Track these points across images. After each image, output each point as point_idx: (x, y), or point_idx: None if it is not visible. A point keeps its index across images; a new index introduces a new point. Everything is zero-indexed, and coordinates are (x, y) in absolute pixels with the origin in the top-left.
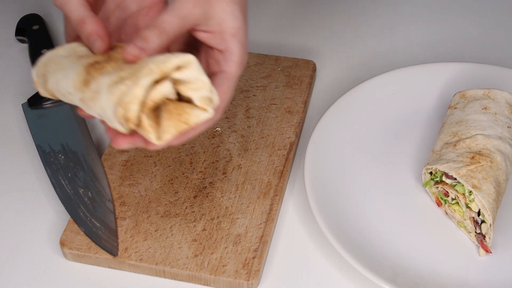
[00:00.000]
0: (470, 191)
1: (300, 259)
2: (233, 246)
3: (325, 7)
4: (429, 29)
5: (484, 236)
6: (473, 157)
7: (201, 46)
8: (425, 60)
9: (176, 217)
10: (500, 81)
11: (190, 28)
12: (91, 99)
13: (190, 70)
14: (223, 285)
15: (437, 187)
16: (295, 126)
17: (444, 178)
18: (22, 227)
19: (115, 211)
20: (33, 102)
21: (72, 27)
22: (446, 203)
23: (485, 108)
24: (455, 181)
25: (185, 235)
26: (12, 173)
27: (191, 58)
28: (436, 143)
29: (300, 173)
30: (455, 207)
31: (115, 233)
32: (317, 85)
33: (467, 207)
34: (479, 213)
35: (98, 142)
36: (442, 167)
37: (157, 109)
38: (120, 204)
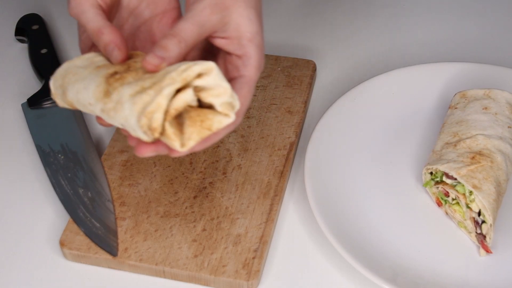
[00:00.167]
0: (471, 191)
1: (300, 259)
2: (233, 246)
3: (325, 7)
4: (429, 29)
5: (485, 236)
6: (473, 157)
7: (218, 52)
8: (425, 60)
9: (176, 217)
10: (501, 81)
11: (208, 35)
12: (113, 110)
13: (211, 77)
14: (223, 285)
15: (438, 187)
16: (295, 126)
17: (444, 178)
18: (22, 227)
19: (115, 211)
20: (33, 102)
21: (87, 36)
22: (446, 203)
23: (486, 108)
24: (456, 181)
25: (185, 235)
26: (11, 173)
27: (211, 65)
28: (437, 143)
29: (300, 173)
30: (456, 207)
31: (115, 233)
32: (317, 85)
33: (468, 207)
34: (479, 213)
35: (98, 142)
36: (442, 167)
37: (179, 116)
38: (120, 204)
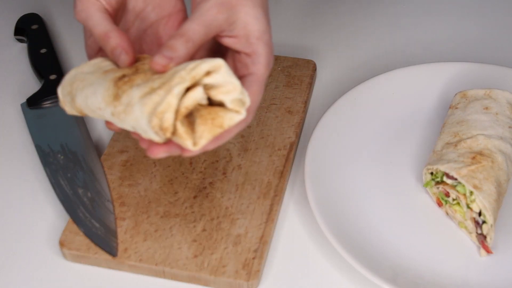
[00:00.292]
0: (471, 192)
1: (300, 259)
2: (233, 246)
3: (325, 7)
4: (429, 29)
5: (485, 237)
6: (474, 157)
7: (227, 51)
8: (425, 60)
9: (176, 217)
10: (501, 81)
11: (215, 35)
12: (123, 112)
13: (220, 74)
14: (223, 285)
15: (438, 187)
16: (295, 126)
17: (445, 178)
18: (21, 227)
19: (114, 211)
20: (32, 102)
21: (93, 40)
22: (447, 203)
23: (486, 108)
24: (456, 181)
25: (185, 236)
26: (11, 174)
27: (220, 62)
28: (437, 143)
29: (300, 173)
30: (456, 207)
31: (114, 234)
32: (317, 85)
33: (468, 207)
34: (480, 214)
35: (98, 142)
36: (443, 168)
37: (190, 115)
38: (120, 205)
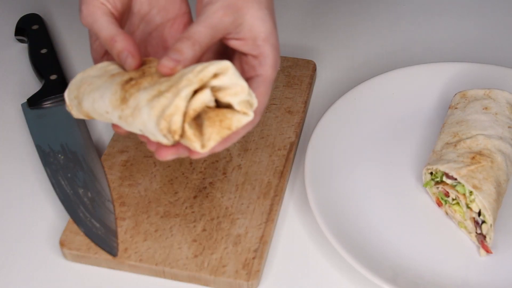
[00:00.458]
0: (471, 192)
1: (300, 259)
2: (233, 246)
3: (325, 7)
4: (429, 29)
5: (485, 237)
6: (473, 157)
7: (233, 53)
8: (425, 60)
9: (176, 217)
10: (501, 81)
11: (222, 37)
12: (131, 116)
13: (227, 76)
14: (223, 285)
15: (438, 187)
16: (295, 126)
17: (444, 178)
18: (21, 227)
19: (115, 211)
20: (33, 102)
21: (99, 44)
22: (446, 203)
23: (486, 108)
24: (456, 181)
25: (185, 236)
26: (11, 174)
27: (227, 64)
28: (437, 143)
29: (300, 173)
30: (456, 207)
31: (114, 234)
32: (317, 85)
33: (468, 207)
34: (479, 214)
35: (98, 142)
36: (442, 168)
37: (198, 118)
38: (120, 205)
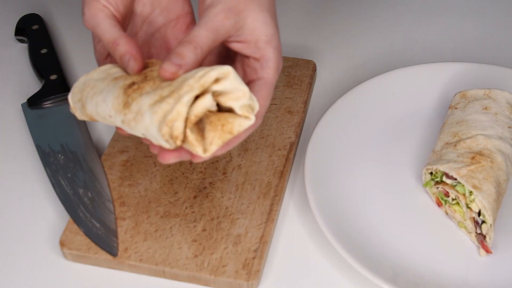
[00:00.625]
0: (471, 192)
1: (300, 259)
2: (233, 246)
3: (325, 7)
4: (429, 29)
5: (485, 237)
6: (473, 157)
7: (236, 56)
8: (425, 60)
9: (176, 217)
10: (501, 81)
11: (223, 40)
12: (133, 120)
13: (228, 81)
14: (223, 285)
15: (438, 187)
16: (295, 126)
17: (444, 178)
18: (21, 227)
19: (115, 211)
20: (33, 102)
21: (102, 46)
22: (446, 203)
23: (486, 108)
24: (456, 181)
25: (185, 236)
26: (11, 174)
27: (228, 69)
28: (437, 143)
29: (300, 173)
30: (456, 207)
31: (114, 234)
32: (317, 85)
33: (468, 207)
34: (479, 214)
35: (98, 142)
36: (442, 168)
37: (200, 122)
38: (120, 205)
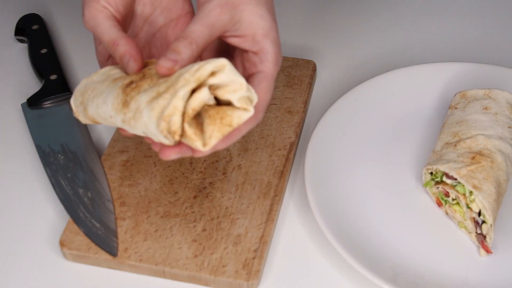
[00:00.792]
0: (471, 192)
1: (300, 259)
2: (233, 246)
3: (325, 7)
4: (429, 29)
5: (485, 237)
6: (473, 157)
7: (234, 50)
8: (425, 60)
9: (176, 217)
10: (501, 81)
11: (220, 35)
12: (133, 119)
13: (224, 74)
14: (223, 285)
15: (438, 187)
16: (295, 126)
17: (444, 178)
18: (21, 227)
19: (115, 211)
20: (33, 102)
21: (104, 47)
22: (446, 203)
23: (486, 108)
24: (456, 181)
25: (185, 236)
26: (11, 174)
27: (224, 61)
28: (437, 143)
29: (300, 173)
30: (456, 207)
31: (114, 234)
32: (317, 85)
33: (468, 207)
34: (479, 214)
35: (98, 142)
36: (442, 168)
37: (198, 116)
38: (120, 205)
